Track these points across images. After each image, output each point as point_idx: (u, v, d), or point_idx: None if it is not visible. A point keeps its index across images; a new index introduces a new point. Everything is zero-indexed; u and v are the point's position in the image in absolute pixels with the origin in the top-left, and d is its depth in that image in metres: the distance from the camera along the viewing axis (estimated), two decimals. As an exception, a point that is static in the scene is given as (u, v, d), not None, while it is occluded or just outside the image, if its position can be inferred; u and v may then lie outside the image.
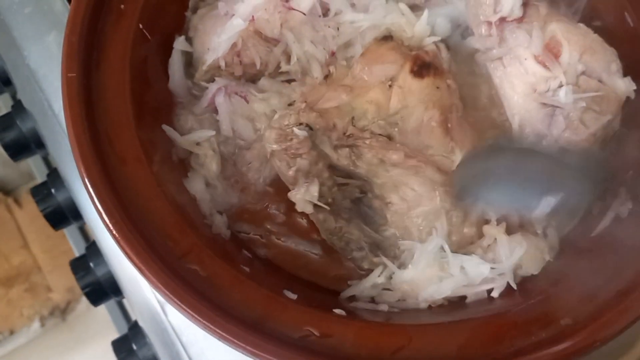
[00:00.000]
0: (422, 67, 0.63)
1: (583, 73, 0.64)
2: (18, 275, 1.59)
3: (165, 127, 0.66)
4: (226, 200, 0.67)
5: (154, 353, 0.72)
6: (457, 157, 0.62)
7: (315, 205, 0.61)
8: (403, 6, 0.69)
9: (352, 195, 0.64)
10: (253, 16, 0.66)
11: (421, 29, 0.68)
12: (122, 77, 0.63)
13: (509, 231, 0.63)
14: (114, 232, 0.53)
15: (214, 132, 0.67)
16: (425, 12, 0.68)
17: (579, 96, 0.63)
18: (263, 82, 0.70)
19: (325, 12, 0.68)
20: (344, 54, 0.69)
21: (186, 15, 0.74)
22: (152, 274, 0.53)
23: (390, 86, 0.63)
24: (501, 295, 0.61)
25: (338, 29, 0.68)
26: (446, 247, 0.60)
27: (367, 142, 0.61)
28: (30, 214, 1.57)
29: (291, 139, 0.60)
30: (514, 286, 0.61)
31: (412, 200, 0.61)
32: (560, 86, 0.63)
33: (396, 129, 0.62)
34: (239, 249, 0.65)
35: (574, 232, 0.66)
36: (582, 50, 0.64)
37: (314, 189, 0.60)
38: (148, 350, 0.72)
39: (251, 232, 0.67)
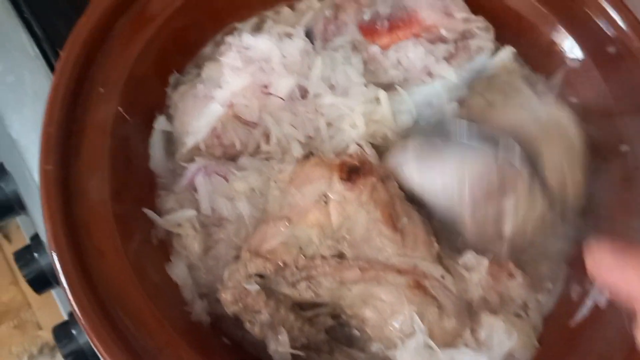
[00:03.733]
0: (351, 171, 0.62)
1: None
2: (7, 312, 1.58)
3: (145, 210, 0.66)
4: (209, 282, 0.66)
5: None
6: (412, 251, 0.61)
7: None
8: (382, 94, 0.69)
9: (325, 325, 0.62)
10: (232, 101, 0.67)
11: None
12: (102, 163, 0.63)
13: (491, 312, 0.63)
14: (90, 332, 0.53)
15: (195, 212, 0.67)
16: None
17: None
18: (243, 160, 0.70)
19: (304, 94, 0.69)
20: (328, 133, 0.70)
21: (167, 91, 0.74)
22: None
23: (326, 202, 0.61)
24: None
25: (317, 110, 0.69)
26: (431, 342, 0.58)
27: (320, 269, 0.59)
28: (20, 250, 1.57)
29: (246, 296, 0.58)
30: None
31: (384, 311, 0.60)
32: None
33: (345, 244, 0.60)
34: (218, 336, 0.64)
35: (553, 317, 0.67)
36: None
37: (284, 339, 0.58)
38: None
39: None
